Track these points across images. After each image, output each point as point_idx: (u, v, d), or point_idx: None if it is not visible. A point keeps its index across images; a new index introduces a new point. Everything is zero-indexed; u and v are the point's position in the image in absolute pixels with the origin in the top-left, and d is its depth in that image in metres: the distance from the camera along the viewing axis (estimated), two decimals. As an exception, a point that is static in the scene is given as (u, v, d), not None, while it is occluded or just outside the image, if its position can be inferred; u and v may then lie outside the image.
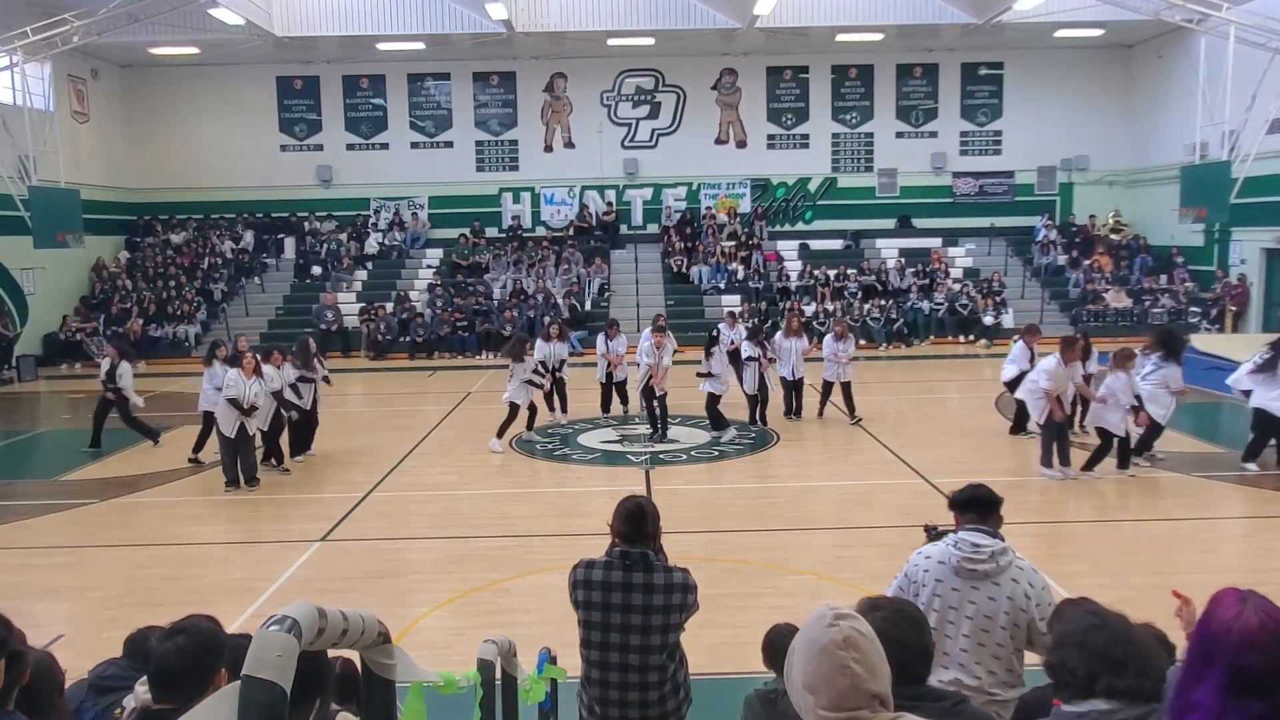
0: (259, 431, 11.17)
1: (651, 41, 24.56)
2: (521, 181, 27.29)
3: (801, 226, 27.32)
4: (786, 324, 14.21)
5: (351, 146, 27.17)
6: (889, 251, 25.77)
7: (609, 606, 3.64)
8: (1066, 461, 10.49)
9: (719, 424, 12.94)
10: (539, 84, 26.97)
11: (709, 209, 26.95)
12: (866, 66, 26.79)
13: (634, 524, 3.74)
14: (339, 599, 6.72)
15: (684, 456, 12.06)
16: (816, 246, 26.40)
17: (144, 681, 2.49)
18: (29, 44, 18.93)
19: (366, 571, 8.02)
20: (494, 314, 23.42)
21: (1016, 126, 26.81)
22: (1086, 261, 24.82)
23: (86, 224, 21.11)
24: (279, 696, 1.48)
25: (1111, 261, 24.84)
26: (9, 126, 19.07)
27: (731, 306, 21.40)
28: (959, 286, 24.05)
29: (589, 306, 23.97)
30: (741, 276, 24.92)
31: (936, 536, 3.85)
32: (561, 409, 14.22)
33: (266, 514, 9.99)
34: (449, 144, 27.16)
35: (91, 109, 24.96)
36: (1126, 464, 10.50)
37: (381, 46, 24.46)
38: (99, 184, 24.70)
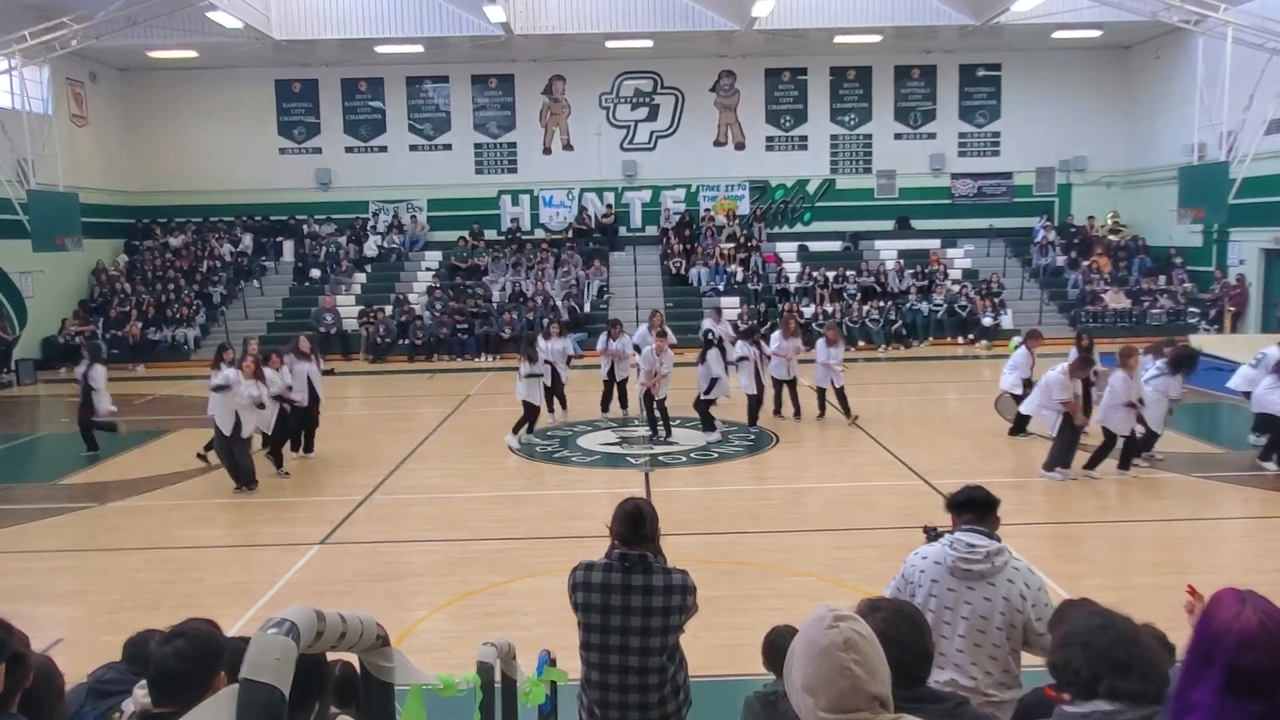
0: (262, 435, 11.16)
1: (650, 44, 24.55)
2: (520, 184, 27.29)
3: (800, 228, 27.32)
4: (785, 325, 14.32)
5: (350, 149, 27.17)
6: (888, 253, 25.78)
7: (608, 608, 3.64)
8: (1067, 463, 10.48)
9: (709, 425, 13.02)
10: (537, 86, 26.98)
11: (708, 211, 26.95)
12: (865, 68, 26.81)
13: (632, 526, 3.75)
14: (338, 602, 6.73)
15: (683, 459, 12.06)
16: (815, 248, 26.40)
17: (143, 685, 2.49)
18: (27, 48, 18.92)
19: (365, 574, 8.01)
20: (493, 316, 23.41)
21: (1015, 128, 26.82)
22: (1085, 262, 24.84)
23: (85, 227, 21.07)
24: (277, 699, 1.48)
25: (1110, 262, 24.86)
26: (7, 130, 19.07)
27: (725, 306, 21.34)
28: (958, 288, 24.06)
29: (588, 309, 23.97)
30: (740, 278, 24.93)
31: (936, 538, 3.85)
32: (561, 407, 14.40)
33: (265, 517, 9.98)
34: (448, 147, 27.16)
35: (90, 112, 24.94)
36: (1127, 465, 10.49)
37: (380, 49, 24.47)
38: (98, 187, 24.68)
